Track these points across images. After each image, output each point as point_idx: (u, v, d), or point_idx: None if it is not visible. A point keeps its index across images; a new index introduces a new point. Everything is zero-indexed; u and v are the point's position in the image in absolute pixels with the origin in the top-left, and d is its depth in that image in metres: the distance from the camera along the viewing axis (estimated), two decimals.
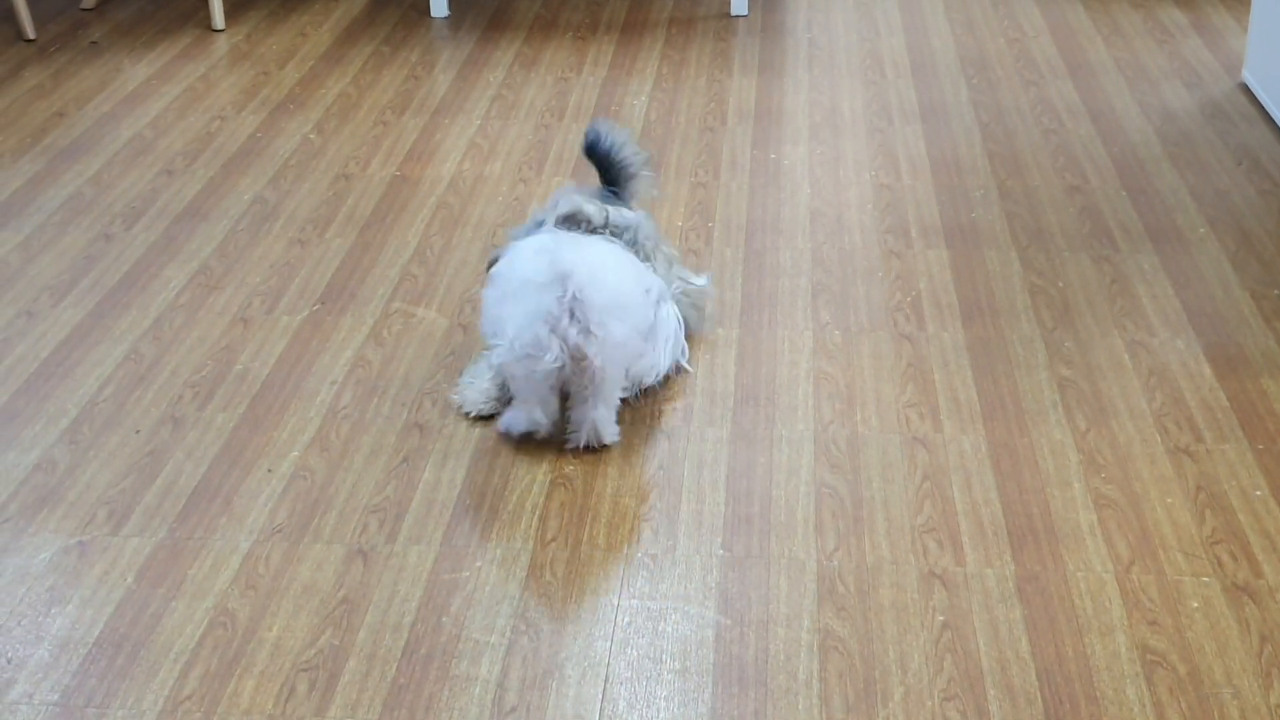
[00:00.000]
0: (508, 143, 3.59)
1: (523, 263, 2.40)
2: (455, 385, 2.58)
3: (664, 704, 1.94)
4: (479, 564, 2.19)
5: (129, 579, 2.17)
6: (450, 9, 4.51)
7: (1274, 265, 2.99)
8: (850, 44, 4.23)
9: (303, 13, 4.51)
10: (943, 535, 2.24)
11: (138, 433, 2.50)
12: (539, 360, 2.34)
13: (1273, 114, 3.65)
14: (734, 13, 4.43)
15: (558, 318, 2.33)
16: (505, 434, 2.46)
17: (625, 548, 2.22)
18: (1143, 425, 2.49)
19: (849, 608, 2.10)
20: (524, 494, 2.34)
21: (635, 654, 2.02)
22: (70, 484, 2.38)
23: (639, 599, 2.12)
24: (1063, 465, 2.39)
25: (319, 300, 2.90)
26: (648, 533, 2.25)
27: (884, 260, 3.02)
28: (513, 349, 2.37)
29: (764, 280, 2.95)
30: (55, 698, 1.95)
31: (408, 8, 4.54)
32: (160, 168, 3.48)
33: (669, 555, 2.21)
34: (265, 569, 2.19)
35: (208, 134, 3.65)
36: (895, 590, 2.13)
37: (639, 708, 1.93)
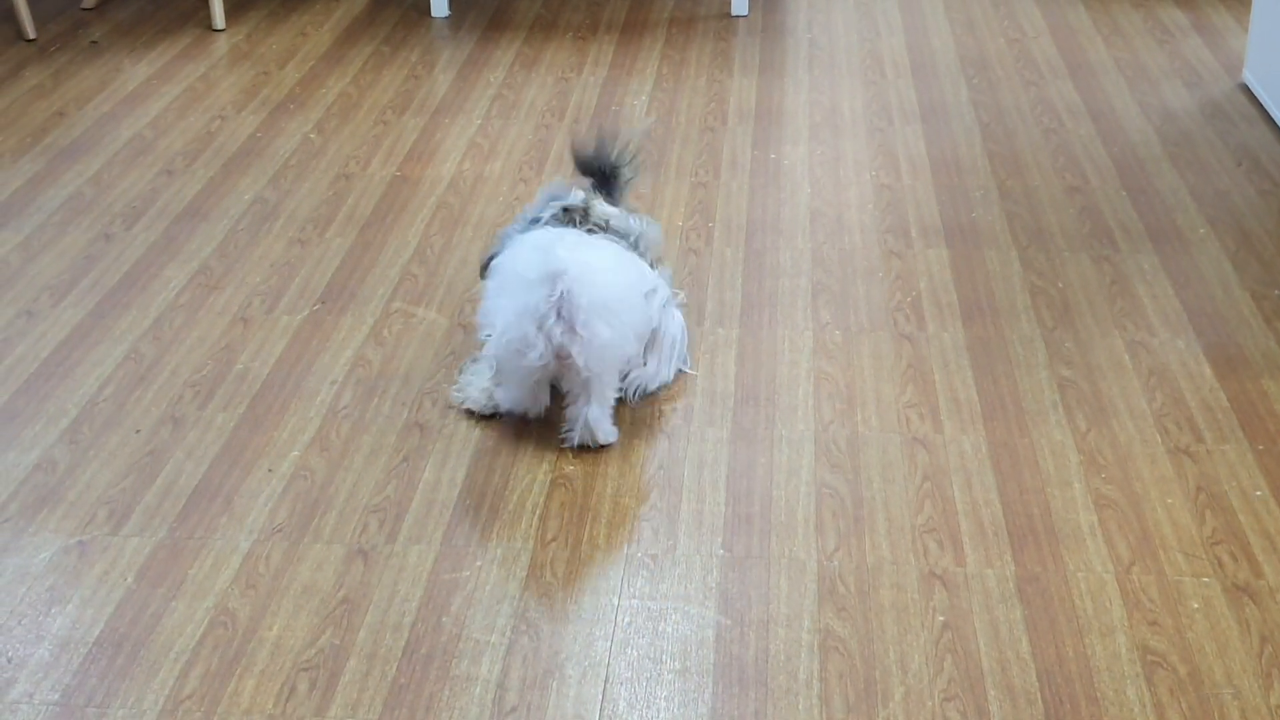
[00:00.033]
0: (508, 143, 3.59)
1: (521, 257, 2.41)
2: (455, 383, 2.58)
3: (664, 704, 1.94)
4: (479, 564, 2.19)
5: (129, 579, 2.17)
6: (451, 9, 4.51)
7: (1274, 265, 2.99)
8: (850, 44, 4.23)
9: (303, 12, 4.51)
10: (943, 535, 2.24)
11: (138, 432, 2.50)
12: (524, 356, 2.36)
13: (1273, 114, 3.65)
14: (734, 13, 4.43)
15: (544, 316, 2.34)
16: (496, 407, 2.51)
17: (625, 548, 2.22)
18: (1143, 425, 2.49)
19: (849, 608, 2.09)
20: (524, 494, 2.34)
21: (635, 654, 2.02)
22: (70, 484, 2.38)
23: (639, 599, 2.12)
24: (1063, 465, 2.39)
25: (319, 300, 2.90)
26: (648, 533, 2.25)
27: (884, 260, 3.02)
28: (499, 342, 2.40)
29: (764, 280, 2.95)
30: (55, 697, 1.95)
31: (408, 8, 4.54)
32: (160, 167, 3.48)
33: (669, 555, 2.21)
34: (265, 569, 2.18)
35: (208, 134, 3.65)
36: (895, 590, 2.13)
37: (639, 708, 1.93)
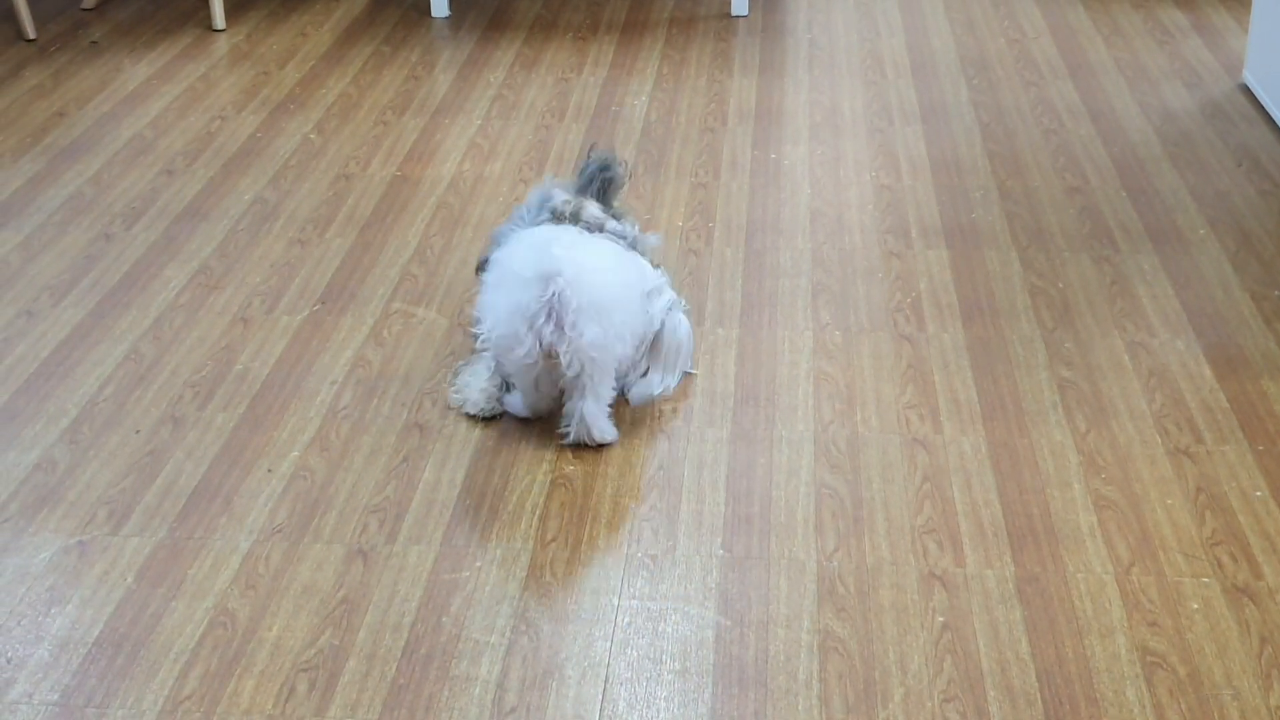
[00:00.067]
0: (508, 143, 3.59)
1: (518, 254, 2.42)
2: (453, 385, 2.58)
3: (664, 704, 1.94)
4: (479, 564, 2.19)
5: (129, 579, 2.17)
6: (451, 9, 4.51)
7: (1274, 266, 2.99)
8: (851, 44, 4.23)
9: (303, 13, 4.51)
10: (943, 536, 2.24)
11: (138, 432, 2.50)
12: (512, 352, 2.38)
13: (1273, 114, 3.65)
14: (734, 13, 4.43)
15: (535, 315, 2.34)
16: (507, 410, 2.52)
17: (625, 548, 2.22)
18: (1143, 426, 2.49)
19: (849, 608, 2.09)
20: (524, 494, 2.34)
21: (635, 654, 2.02)
22: (70, 484, 2.38)
23: (639, 599, 2.12)
24: (1063, 466, 2.39)
25: (319, 300, 2.90)
26: (648, 533, 2.25)
27: (884, 260, 3.02)
28: (490, 337, 2.42)
29: (764, 280, 2.95)
30: (55, 697, 1.95)
31: (408, 8, 4.54)
32: (160, 167, 3.48)
33: (669, 555, 2.21)
34: (265, 569, 2.19)
35: (208, 134, 3.65)
36: (895, 591, 2.13)
37: (639, 708, 1.93)
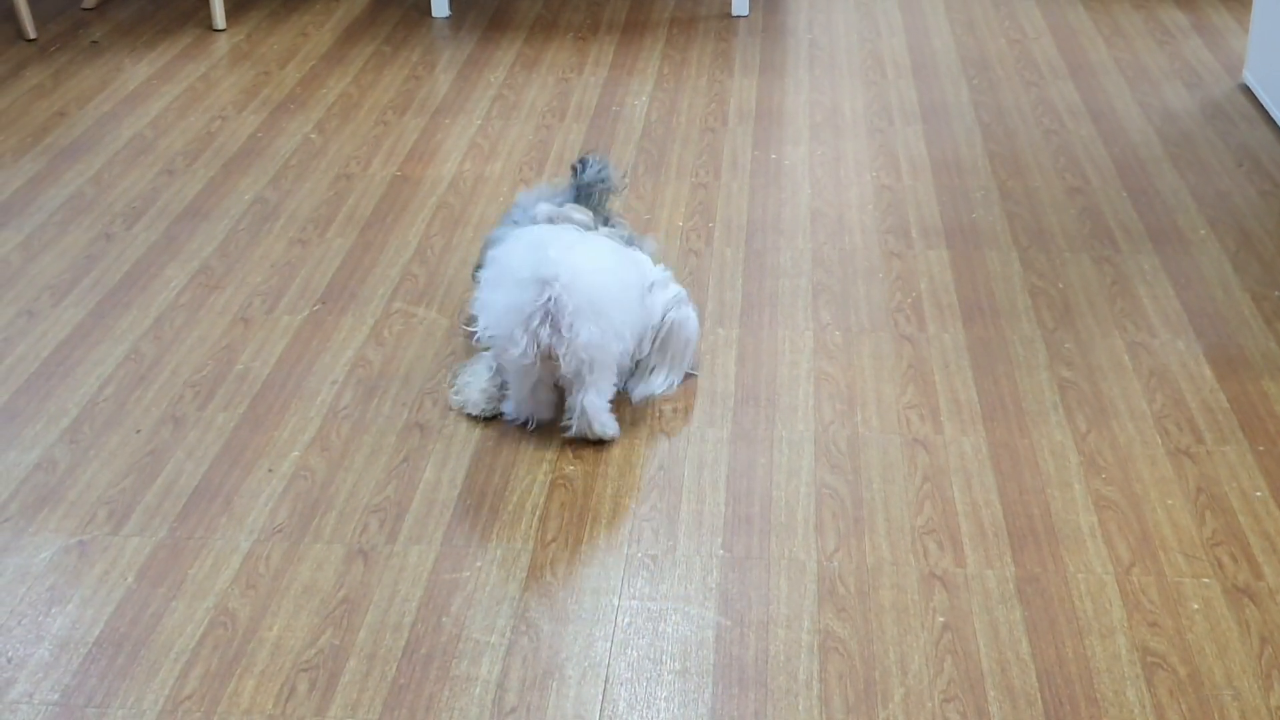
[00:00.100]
0: (508, 143, 3.59)
1: (516, 254, 2.42)
2: (453, 385, 2.58)
3: (664, 705, 1.94)
4: (479, 564, 2.19)
5: (129, 579, 2.17)
6: (451, 9, 4.51)
7: (1275, 266, 2.99)
8: (851, 44, 4.23)
9: (304, 12, 4.51)
10: (943, 536, 2.24)
11: (138, 432, 2.50)
12: (508, 352, 2.38)
13: (1273, 114, 3.65)
14: (735, 13, 4.43)
15: (530, 316, 2.35)
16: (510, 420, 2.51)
17: (625, 548, 2.22)
18: (1143, 426, 2.49)
19: (849, 609, 2.09)
20: (524, 494, 2.34)
21: (635, 655, 2.02)
22: (70, 483, 2.38)
23: (639, 599, 2.12)
24: (1063, 466, 2.39)
25: (319, 300, 2.90)
26: (648, 533, 2.25)
27: (884, 261, 3.02)
28: (485, 336, 2.43)
29: (764, 280, 2.95)
30: (55, 697, 1.95)
31: (409, 8, 4.54)
32: (161, 167, 3.48)
33: (669, 556, 2.21)
34: (265, 569, 2.18)
35: (208, 134, 3.65)
36: (895, 591, 2.13)
37: (639, 708, 1.93)
